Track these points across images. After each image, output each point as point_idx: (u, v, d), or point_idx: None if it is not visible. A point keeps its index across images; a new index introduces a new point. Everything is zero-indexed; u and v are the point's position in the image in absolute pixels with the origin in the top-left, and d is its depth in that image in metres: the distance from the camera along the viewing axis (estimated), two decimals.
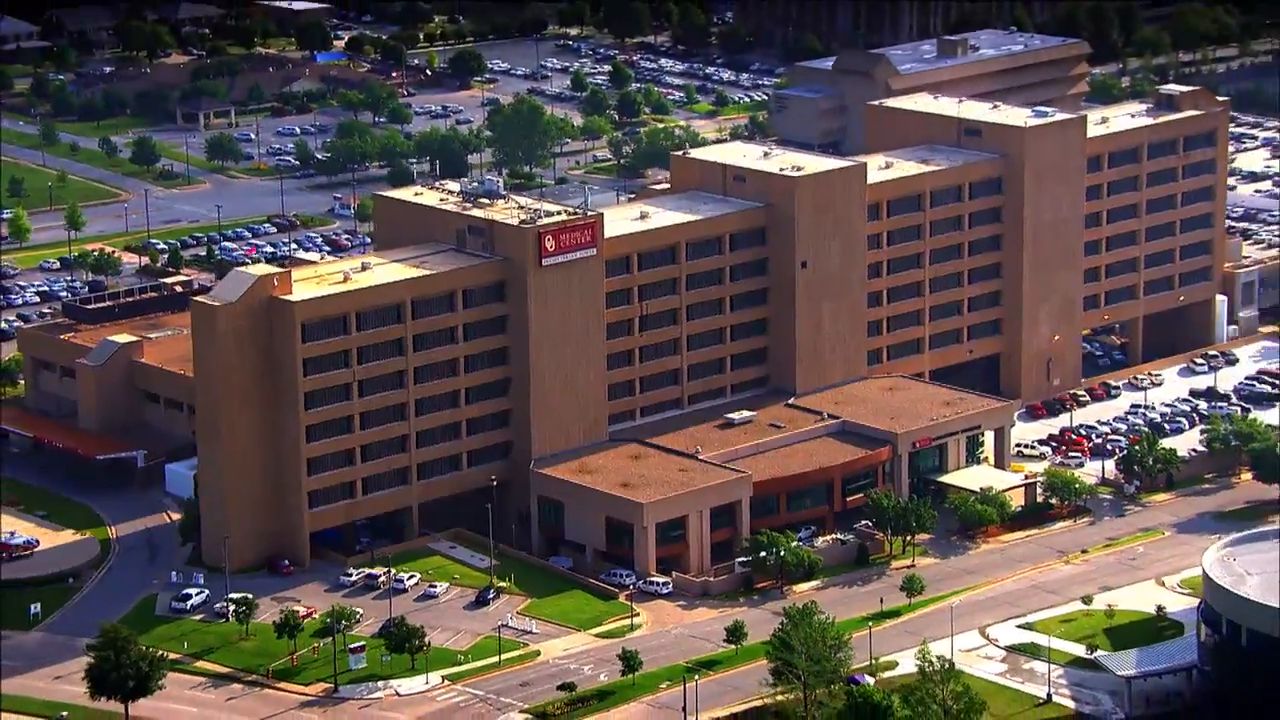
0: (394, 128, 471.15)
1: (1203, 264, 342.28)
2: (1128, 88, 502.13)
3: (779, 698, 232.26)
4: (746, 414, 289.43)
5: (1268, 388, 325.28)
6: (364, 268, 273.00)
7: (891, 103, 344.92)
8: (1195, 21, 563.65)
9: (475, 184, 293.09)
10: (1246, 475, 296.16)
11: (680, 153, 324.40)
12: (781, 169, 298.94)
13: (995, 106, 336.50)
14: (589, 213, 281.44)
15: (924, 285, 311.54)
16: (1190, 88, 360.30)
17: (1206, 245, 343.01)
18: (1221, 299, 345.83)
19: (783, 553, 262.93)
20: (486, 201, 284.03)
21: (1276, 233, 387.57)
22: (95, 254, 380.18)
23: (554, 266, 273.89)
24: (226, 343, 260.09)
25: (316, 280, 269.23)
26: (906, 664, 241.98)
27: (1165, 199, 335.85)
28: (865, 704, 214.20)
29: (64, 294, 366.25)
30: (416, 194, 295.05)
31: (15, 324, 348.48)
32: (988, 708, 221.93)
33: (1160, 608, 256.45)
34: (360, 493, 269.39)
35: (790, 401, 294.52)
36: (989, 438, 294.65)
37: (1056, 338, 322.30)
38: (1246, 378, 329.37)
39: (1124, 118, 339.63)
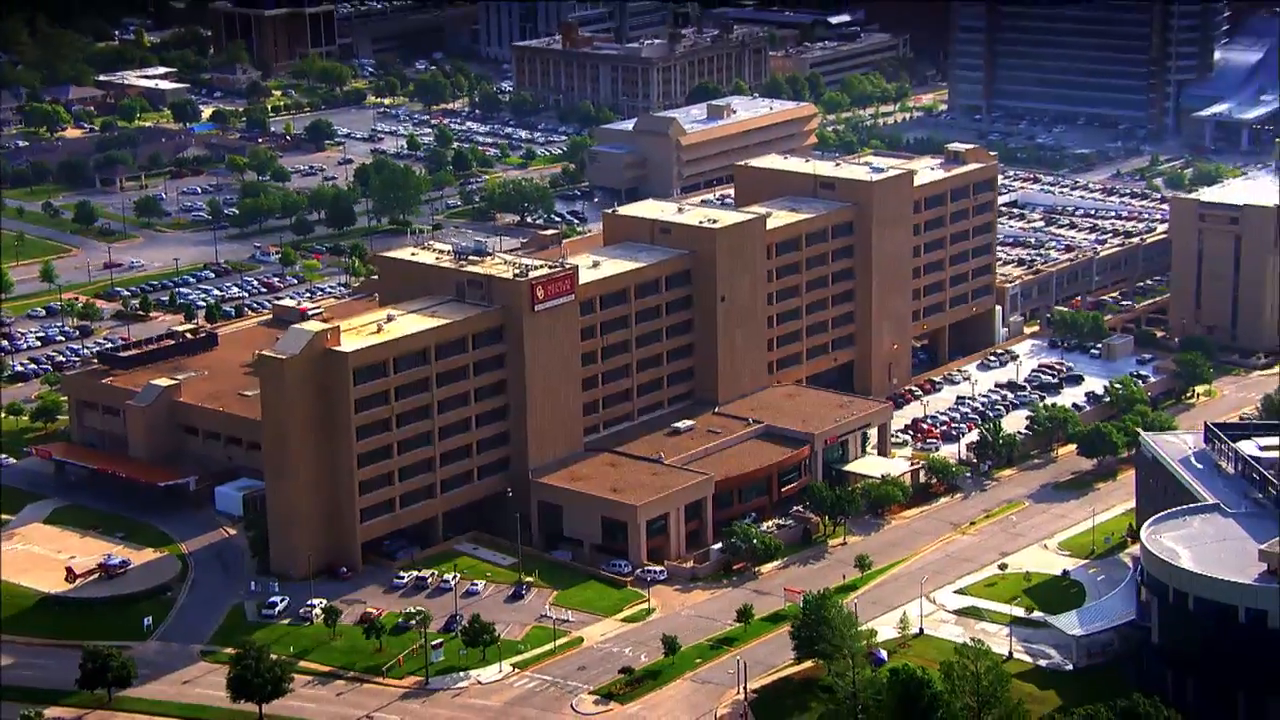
0: (277, 185, 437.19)
1: (986, 282, 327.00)
2: (836, 138, 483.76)
3: (801, 668, 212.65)
4: (688, 423, 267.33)
5: (1049, 377, 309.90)
6: (389, 319, 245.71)
7: (755, 162, 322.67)
8: (860, 85, 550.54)
9: (466, 243, 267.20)
10: (1062, 450, 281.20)
11: (610, 211, 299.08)
12: (700, 222, 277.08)
13: (838, 164, 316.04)
14: (566, 265, 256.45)
15: (802, 310, 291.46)
16: (971, 145, 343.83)
17: (988, 267, 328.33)
18: (997, 308, 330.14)
19: (754, 540, 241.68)
20: (477, 258, 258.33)
21: (1012, 253, 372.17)
22: (80, 303, 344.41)
23: (543, 311, 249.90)
24: (291, 389, 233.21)
25: (355, 332, 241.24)
26: (886, 631, 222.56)
27: (962, 233, 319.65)
28: (911, 680, 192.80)
29: (58, 338, 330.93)
30: (413, 254, 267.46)
31: (32, 367, 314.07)
32: (1011, 679, 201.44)
33: (1065, 571, 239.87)
34: (399, 507, 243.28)
35: (716, 410, 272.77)
36: (873, 432, 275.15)
37: (895, 346, 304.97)
38: (1033, 370, 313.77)
39: (925, 170, 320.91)
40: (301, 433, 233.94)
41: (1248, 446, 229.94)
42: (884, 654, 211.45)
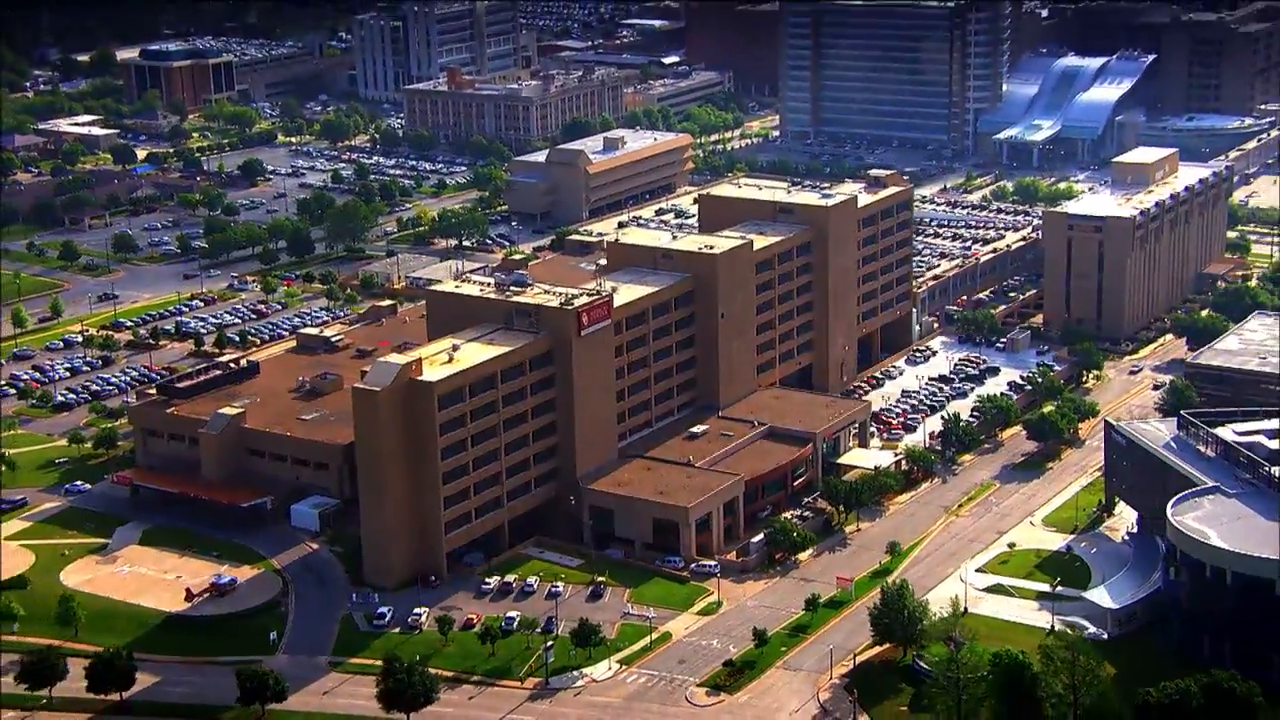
0: (229, 219, 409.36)
1: (906, 288, 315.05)
2: (706, 163, 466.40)
3: (874, 651, 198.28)
4: (703, 427, 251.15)
5: (972, 370, 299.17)
6: (455, 348, 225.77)
7: (717, 191, 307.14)
8: (702, 115, 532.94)
9: (505, 275, 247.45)
10: (1004, 434, 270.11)
11: (614, 239, 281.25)
12: (700, 248, 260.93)
13: (789, 191, 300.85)
14: (603, 293, 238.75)
15: (775, 320, 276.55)
16: (889, 170, 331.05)
17: (908, 275, 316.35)
18: (913, 310, 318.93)
19: (794, 533, 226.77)
20: (518, 288, 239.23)
21: None
22: (96, 336, 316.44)
23: (588, 335, 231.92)
24: (384, 417, 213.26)
25: (429, 362, 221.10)
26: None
27: (889, 247, 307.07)
28: (1013, 665, 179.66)
29: (84, 369, 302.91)
30: (457, 286, 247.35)
31: (71, 397, 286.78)
32: (1104, 661, 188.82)
33: (1069, 547, 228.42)
34: (474, 518, 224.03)
35: (720, 414, 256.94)
36: (853, 427, 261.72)
37: (847, 348, 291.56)
38: (957, 364, 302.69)
39: (855, 195, 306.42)
40: (392, 455, 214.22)
41: (1226, 433, 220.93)
42: (962, 637, 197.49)
